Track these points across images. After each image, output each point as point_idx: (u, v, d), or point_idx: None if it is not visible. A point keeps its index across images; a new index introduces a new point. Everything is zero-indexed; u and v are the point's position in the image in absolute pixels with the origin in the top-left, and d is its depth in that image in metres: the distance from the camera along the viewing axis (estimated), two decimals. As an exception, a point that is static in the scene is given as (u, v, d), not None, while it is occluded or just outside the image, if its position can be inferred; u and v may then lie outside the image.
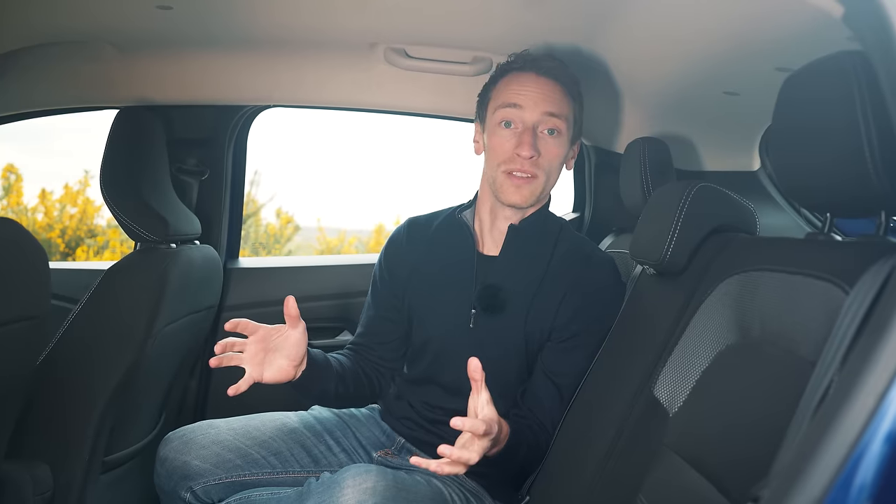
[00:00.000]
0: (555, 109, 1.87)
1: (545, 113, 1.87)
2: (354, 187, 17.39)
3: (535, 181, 1.88)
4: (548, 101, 1.87)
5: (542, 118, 1.87)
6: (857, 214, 1.24)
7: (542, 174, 1.89)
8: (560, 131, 1.88)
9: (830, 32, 1.36)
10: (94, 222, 7.32)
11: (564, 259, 1.92)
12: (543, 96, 1.88)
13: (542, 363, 1.88)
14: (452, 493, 1.81)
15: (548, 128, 1.87)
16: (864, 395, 0.83)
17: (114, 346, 1.88)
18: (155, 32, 2.10)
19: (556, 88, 1.90)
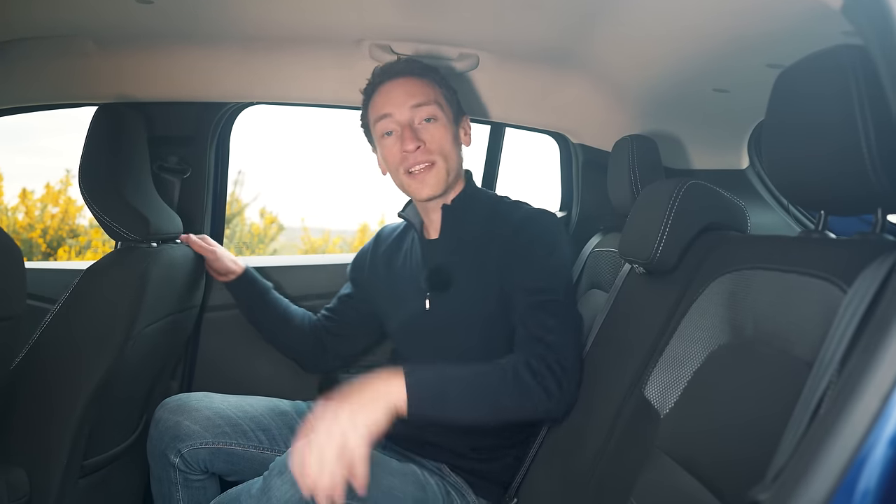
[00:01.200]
0: (420, 100, 1.94)
1: (412, 107, 1.94)
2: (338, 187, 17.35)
3: (433, 168, 1.95)
4: (410, 96, 1.95)
5: (412, 113, 1.95)
6: (852, 212, 1.22)
7: (437, 158, 1.94)
8: (435, 116, 1.95)
9: (823, 27, 1.35)
10: (76, 222, 7.27)
11: (498, 225, 1.92)
12: (405, 94, 1.95)
13: (521, 331, 1.78)
14: (429, 478, 1.82)
15: (423, 118, 1.95)
16: (867, 397, 0.81)
17: (93, 347, 1.85)
18: (135, 27, 2.07)
19: (412, 82, 1.97)
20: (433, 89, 1.98)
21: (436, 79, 2.00)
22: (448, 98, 2.01)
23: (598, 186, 2.51)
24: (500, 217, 1.93)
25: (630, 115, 2.36)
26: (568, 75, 2.35)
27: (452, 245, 1.99)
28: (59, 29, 2.04)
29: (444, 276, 1.96)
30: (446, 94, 2.01)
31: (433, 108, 1.95)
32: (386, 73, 2.00)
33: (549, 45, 2.14)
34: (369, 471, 1.42)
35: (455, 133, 2.00)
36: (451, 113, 2.00)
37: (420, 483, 1.77)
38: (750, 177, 2.48)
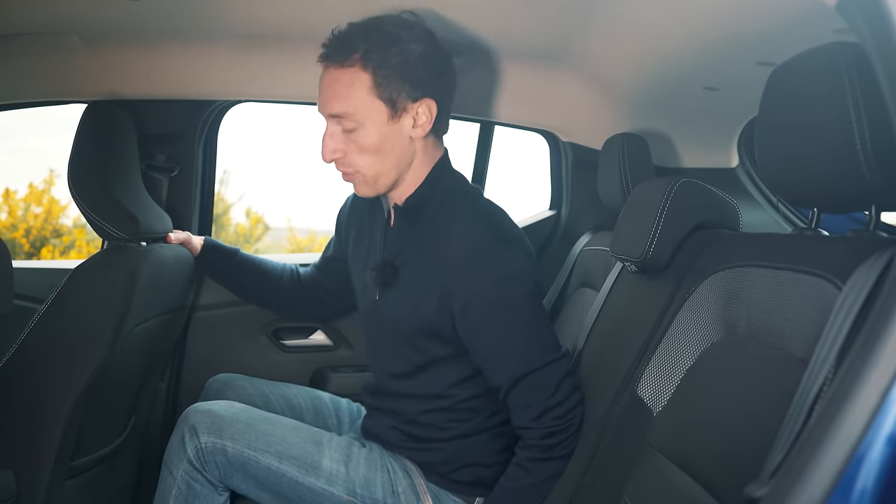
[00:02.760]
0: (337, 109, 1.71)
1: (329, 116, 1.74)
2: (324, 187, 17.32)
3: (357, 176, 1.78)
4: (330, 99, 1.72)
5: (329, 119, 1.75)
6: (846, 209, 1.22)
7: (359, 168, 1.76)
8: (353, 125, 1.71)
9: (815, 25, 1.35)
10: (59, 222, 7.24)
11: (438, 230, 1.75)
12: (325, 97, 1.74)
13: (476, 364, 1.76)
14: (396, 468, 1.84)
15: (339, 128, 1.74)
16: (865, 394, 0.81)
17: (81, 347, 1.83)
18: (123, 24, 2.06)
19: (335, 77, 1.71)
20: (359, 84, 1.69)
21: (367, 62, 1.68)
22: (386, 83, 1.68)
23: (587, 185, 2.50)
24: (443, 224, 1.77)
25: (620, 113, 2.36)
26: (558, 73, 2.35)
27: (402, 244, 1.84)
28: (46, 25, 2.03)
29: (388, 275, 1.81)
30: (385, 77, 1.68)
31: (353, 117, 1.70)
32: (322, 54, 1.75)
33: (539, 43, 2.14)
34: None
35: (391, 132, 1.73)
36: (384, 109, 1.71)
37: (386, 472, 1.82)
38: (740, 175, 2.49)
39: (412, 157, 1.79)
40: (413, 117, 1.74)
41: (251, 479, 1.74)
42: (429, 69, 1.73)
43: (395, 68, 1.68)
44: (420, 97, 1.72)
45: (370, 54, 1.67)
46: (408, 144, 1.76)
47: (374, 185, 1.79)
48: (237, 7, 1.99)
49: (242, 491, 1.76)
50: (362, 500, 1.76)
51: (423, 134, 1.76)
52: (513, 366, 1.68)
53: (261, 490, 1.75)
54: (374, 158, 1.74)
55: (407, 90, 1.70)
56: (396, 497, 1.79)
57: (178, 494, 1.74)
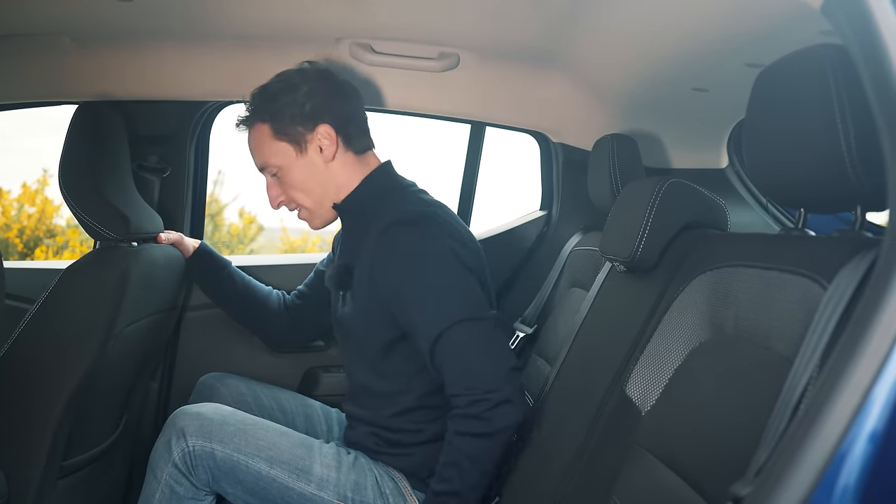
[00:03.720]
0: (258, 163, 1.98)
1: (259, 168, 1.99)
2: (318, 187, 17.25)
3: (303, 212, 2.00)
4: (253, 155, 1.99)
5: (263, 173, 1.99)
6: (832, 209, 1.23)
7: (300, 204, 1.98)
8: (276, 168, 1.94)
9: (802, 27, 1.36)
10: (52, 222, 7.21)
11: (377, 229, 1.84)
12: (250, 154, 1.99)
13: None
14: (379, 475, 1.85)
15: (270, 174, 1.97)
16: (847, 393, 0.81)
17: (72, 347, 1.83)
18: (115, 25, 2.06)
19: (250, 139, 1.98)
20: (263, 135, 1.93)
21: (263, 114, 1.93)
22: (283, 126, 1.91)
23: (578, 185, 2.51)
24: (381, 216, 1.86)
25: (610, 114, 2.37)
26: (548, 74, 2.35)
27: (349, 244, 2.01)
28: (37, 27, 2.03)
29: (343, 275, 1.95)
30: (279, 122, 1.91)
31: (270, 164, 1.94)
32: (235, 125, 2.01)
33: (529, 44, 2.14)
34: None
35: (304, 164, 1.93)
36: (290, 148, 1.92)
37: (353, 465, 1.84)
38: (729, 176, 2.50)
39: (335, 179, 1.96)
40: (318, 145, 1.92)
41: (239, 484, 1.74)
42: (317, 101, 1.91)
43: (283, 110, 1.90)
44: (314, 126, 1.91)
45: (264, 107, 1.92)
46: (325, 170, 1.94)
47: (319, 215, 2.00)
48: (228, 8, 1.99)
49: (229, 496, 1.76)
50: (353, 503, 1.77)
51: (332, 156, 1.94)
52: (427, 326, 1.73)
53: (248, 495, 1.75)
54: (304, 191, 1.95)
55: (300, 124, 1.91)
56: (385, 499, 1.80)
57: (162, 498, 1.74)
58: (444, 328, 1.70)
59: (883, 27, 0.90)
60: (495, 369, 1.69)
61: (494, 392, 1.66)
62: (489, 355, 1.71)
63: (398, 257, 1.78)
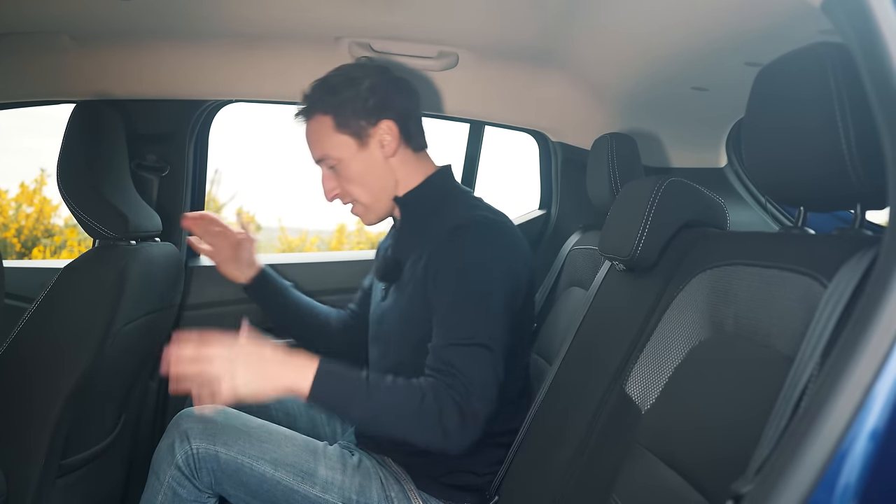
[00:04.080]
0: (317, 155, 1.97)
1: (317, 160, 1.98)
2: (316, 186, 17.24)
3: (357, 206, 2.00)
4: (310, 149, 1.98)
5: (320, 165, 1.99)
6: (832, 208, 1.23)
7: (355, 198, 1.97)
8: (335, 161, 1.93)
9: (802, 25, 1.36)
10: (51, 222, 7.20)
11: (440, 228, 1.83)
12: (308, 146, 1.99)
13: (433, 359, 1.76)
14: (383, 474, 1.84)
15: (327, 167, 1.97)
16: (848, 391, 0.81)
17: (71, 346, 1.83)
18: (114, 23, 2.06)
19: (309, 130, 1.97)
20: (324, 127, 1.92)
21: (326, 107, 1.91)
22: (346, 120, 1.90)
23: (577, 185, 2.51)
24: (443, 216, 1.87)
25: (609, 113, 2.37)
26: (547, 74, 2.35)
27: (405, 238, 2.00)
28: (36, 25, 2.03)
29: (391, 269, 1.96)
30: (342, 115, 1.90)
31: (330, 156, 1.93)
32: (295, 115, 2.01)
33: (528, 43, 2.14)
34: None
35: (365, 158, 1.92)
36: (351, 141, 1.91)
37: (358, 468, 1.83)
38: (728, 175, 2.50)
39: (394, 176, 1.96)
40: (379, 141, 1.92)
41: (242, 487, 1.73)
42: (380, 97, 1.91)
43: (348, 104, 1.89)
44: (377, 121, 1.91)
45: (326, 100, 1.91)
46: (384, 165, 1.94)
47: (374, 210, 1.99)
48: (227, 7, 1.99)
49: (232, 498, 1.76)
50: None
51: (393, 152, 1.94)
52: (445, 333, 1.72)
53: (252, 498, 1.74)
54: (362, 186, 1.95)
55: (363, 118, 1.90)
56: (390, 501, 1.79)
57: (164, 500, 1.73)
58: (461, 341, 1.69)
59: (883, 25, 0.90)
60: (488, 397, 1.67)
61: (477, 418, 1.65)
62: (489, 378, 1.69)
63: (463, 259, 1.76)
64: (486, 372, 1.67)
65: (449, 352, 1.68)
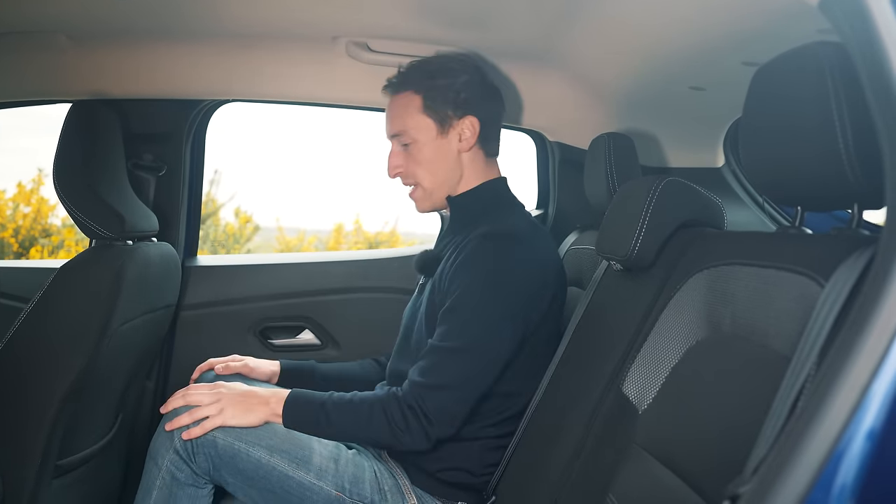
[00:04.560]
0: (395, 129, 2.01)
1: (391, 135, 2.03)
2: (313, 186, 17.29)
3: (417, 189, 2.04)
4: (390, 122, 2.03)
5: (392, 139, 2.04)
6: (829, 207, 1.23)
7: (418, 181, 2.01)
8: (411, 140, 1.98)
9: (799, 25, 1.36)
10: (48, 221, 7.20)
11: (475, 233, 1.88)
12: (388, 118, 2.04)
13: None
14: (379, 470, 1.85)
15: (399, 144, 2.02)
16: (845, 391, 0.81)
17: (67, 346, 1.83)
18: (110, 23, 2.05)
19: (392, 105, 2.03)
20: (412, 105, 1.97)
21: (419, 86, 1.98)
22: (434, 104, 1.96)
23: (574, 184, 2.51)
24: (484, 222, 1.91)
25: (607, 112, 2.37)
26: (545, 73, 2.35)
27: (447, 238, 2.06)
28: (33, 24, 2.02)
29: (428, 261, 2.01)
30: (432, 98, 1.96)
31: (408, 134, 1.98)
32: (383, 88, 2.06)
33: (526, 43, 2.14)
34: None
35: (440, 145, 1.98)
36: (433, 125, 1.97)
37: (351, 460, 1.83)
38: (725, 175, 2.50)
39: (461, 170, 2.01)
40: (459, 133, 1.98)
41: (239, 474, 1.73)
42: (472, 94, 1.98)
43: (441, 91, 1.96)
44: (463, 115, 1.97)
45: (421, 81, 1.98)
46: (456, 158, 2.00)
47: (431, 198, 2.04)
48: (224, 7, 1.99)
49: (229, 486, 1.76)
50: (350, 495, 1.77)
51: (468, 148, 2.00)
52: (439, 332, 1.80)
53: (248, 486, 1.74)
54: (429, 170, 1.99)
55: (452, 108, 1.97)
56: (383, 495, 1.79)
57: (163, 485, 1.73)
58: (454, 347, 1.76)
59: (881, 24, 0.90)
60: (451, 409, 1.76)
61: (434, 425, 1.74)
62: (462, 389, 1.76)
63: (475, 264, 1.82)
64: (452, 374, 1.75)
65: (429, 352, 1.78)
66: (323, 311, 2.68)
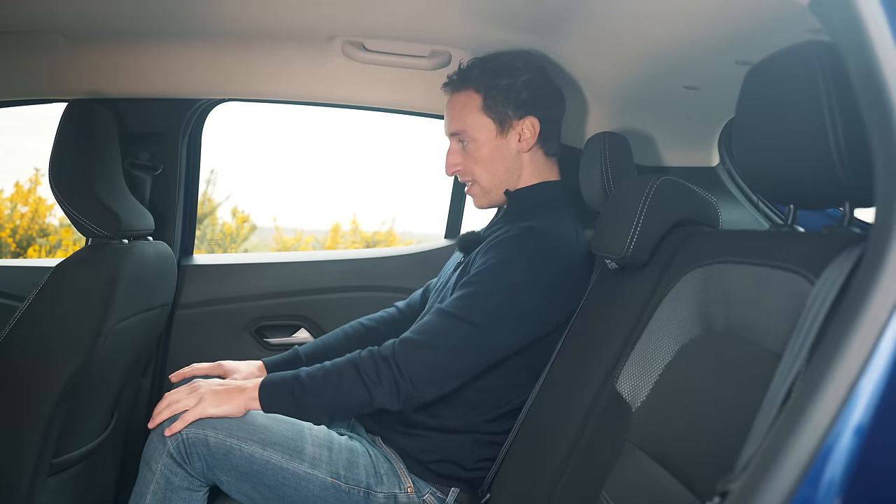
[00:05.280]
0: (455, 128, 2.03)
1: (450, 133, 2.06)
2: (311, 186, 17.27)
3: (474, 186, 2.08)
4: (449, 120, 2.06)
5: (451, 137, 2.07)
6: (821, 206, 1.24)
7: (476, 179, 2.05)
8: (470, 139, 2.01)
9: (792, 25, 1.36)
10: (45, 221, 7.21)
11: (521, 224, 1.91)
12: (448, 116, 2.07)
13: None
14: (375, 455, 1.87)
15: (458, 141, 2.05)
16: (834, 386, 0.82)
17: (63, 344, 1.83)
18: (107, 22, 2.05)
19: (453, 102, 2.06)
20: (471, 104, 2.01)
21: (479, 84, 2.00)
22: (494, 104, 1.99)
23: (569, 183, 2.51)
24: (529, 218, 1.93)
25: (602, 112, 2.37)
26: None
27: (495, 225, 2.08)
28: (29, 24, 2.02)
29: (470, 239, 2.04)
30: (492, 98, 1.99)
31: (467, 133, 2.01)
32: (447, 83, 2.09)
33: (520, 42, 2.14)
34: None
35: (499, 145, 2.01)
36: (493, 126, 2.00)
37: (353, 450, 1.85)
38: (720, 174, 2.50)
39: (520, 170, 2.05)
40: (518, 133, 2.02)
41: (233, 470, 1.73)
42: (534, 94, 2.01)
43: (502, 91, 1.99)
44: (524, 115, 2.00)
45: (482, 79, 2.00)
46: (515, 157, 2.04)
47: (489, 195, 2.08)
48: (220, 6, 1.98)
49: (223, 484, 1.76)
50: (346, 481, 1.77)
51: (528, 148, 2.03)
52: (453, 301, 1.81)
53: (242, 482, 1.75)
54: (487, 169, 2.03)
55: (512, 109, 1.99)
56: (379, 478, 1.80)
57: (157, 489, 1.73)
58: (455, 314, 1.78)
59: (870, 23, 0.91)
60: (429, 371, 1.76)
61: (410, 382, 1.74)
62: (448, 355, 1.77)
63: (510, 249, 1.84)
64: (445, 338, 1.76)
65: (431, 313, 1.81)
66: (319, 309, 2.68)
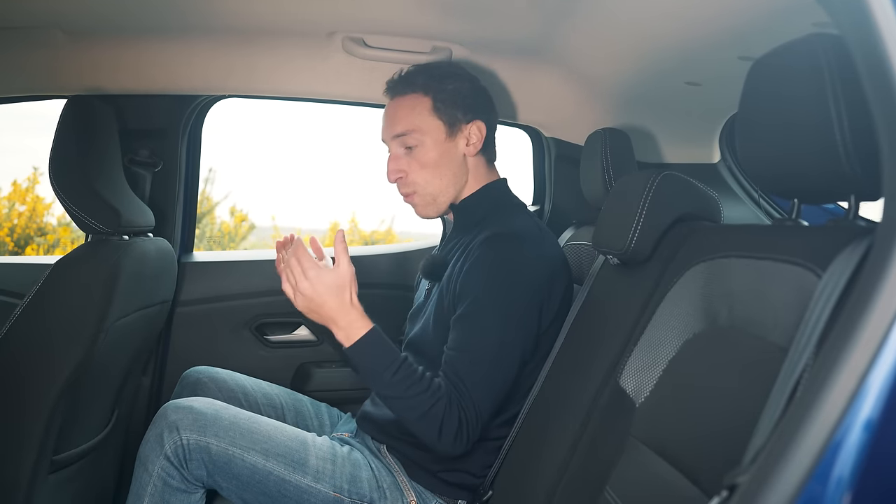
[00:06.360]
0: (402, 128, 1.96)
1: (392, 137, 1.98)
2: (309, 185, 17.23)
3: (415, 196, 2.00)
4: (394, 122, 1.98)
5: (392, 142, 1.99)
6: (826, 199, 1.23)
7: (417, 187, 1.98)
8: (417, 142, 1.95)
9: (795, 19, 1.36)
10: (43, 220, 7.18)
11: (481, 237, 1.87)
12: (387, 121, 2.00)
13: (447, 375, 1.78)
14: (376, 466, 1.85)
15: (402, 147, 1.97)
16: (843, 380, 0.81)
17: (63, 341, 1.82)
18: (107, 18, 2.05)
19: (396, 105, 2.00)
20: (420, 106, 1.95)
21: (427, 88, 1.96)
22: (444, 106, 1.95)
23: (570, 180, 2.51)
24: (488, 225, 1.90)
25: (603, 108, 2.37)
26: (541, 69, 2.35)
27: (451, 242, 2.04)
28: (28, 19, 2.02)
29: (436, 266, 1.98)
30: (442, 101, 1.95)
31: (413, 136, 1.94)
32: (387, 89, 2.04)
33: (522, 38, 2.14)
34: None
35: (448, 148, 1.96)
36: (442, 128, 1.95)
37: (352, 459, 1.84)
38: (721, 171, 2.50)
39: (466, 175, 2.00)
40: (466, 137, 1.98)
41: (235, 479, 1.73)
42: (478, 100, 2.01)
43: (450, 94, 1.96)
44: (472, 119, 1.97)
45: (430, 83, 1.96)
46: (462, 162, 1.99)
47: (435, 203, 2.00)
48: (220, 2, 1.98)
49: (223, 490, 1.75)
50: (349, 495, 1.76)
51: (475, 152, 1.99)
52: (459, 336, 1.77)
53: (244, 490, 1.74)
54: (433, 175, 1.97)
55: (461, 112, 1.96)
56: (382, 492, 1.79)
57: (154, 491, 1.73)
58: (472, 349, 1.74)
59: (879, 15, 0.90)
60: (490, 408, 1.74)
61: (475, 431, 1.71)
62: (491, 390, 1.74)
63: (485, 268, 1.80)
64: (489, 389, 1.72)
65: (461, 360, 1.73)
66: (319, 307, 2.67)
